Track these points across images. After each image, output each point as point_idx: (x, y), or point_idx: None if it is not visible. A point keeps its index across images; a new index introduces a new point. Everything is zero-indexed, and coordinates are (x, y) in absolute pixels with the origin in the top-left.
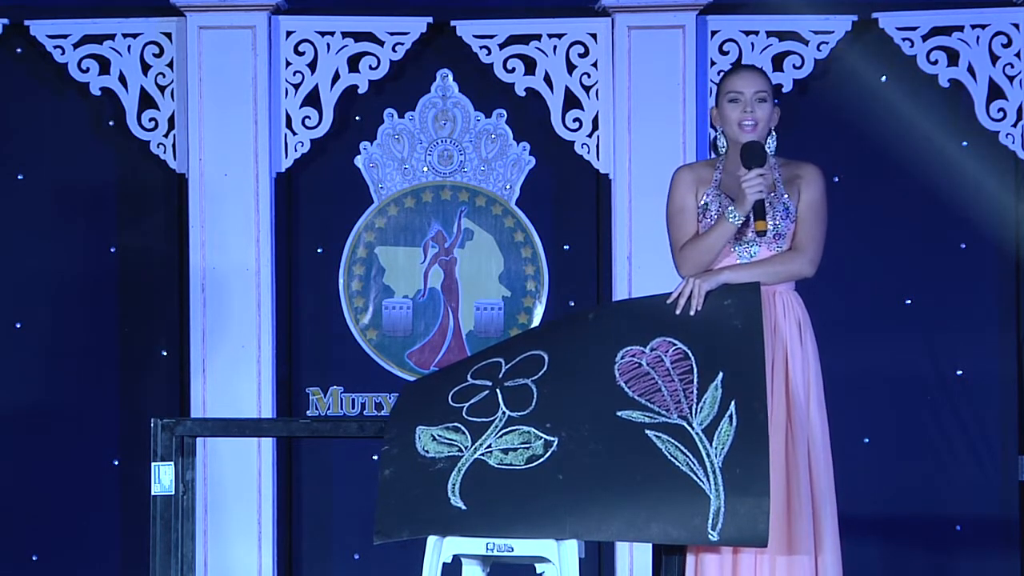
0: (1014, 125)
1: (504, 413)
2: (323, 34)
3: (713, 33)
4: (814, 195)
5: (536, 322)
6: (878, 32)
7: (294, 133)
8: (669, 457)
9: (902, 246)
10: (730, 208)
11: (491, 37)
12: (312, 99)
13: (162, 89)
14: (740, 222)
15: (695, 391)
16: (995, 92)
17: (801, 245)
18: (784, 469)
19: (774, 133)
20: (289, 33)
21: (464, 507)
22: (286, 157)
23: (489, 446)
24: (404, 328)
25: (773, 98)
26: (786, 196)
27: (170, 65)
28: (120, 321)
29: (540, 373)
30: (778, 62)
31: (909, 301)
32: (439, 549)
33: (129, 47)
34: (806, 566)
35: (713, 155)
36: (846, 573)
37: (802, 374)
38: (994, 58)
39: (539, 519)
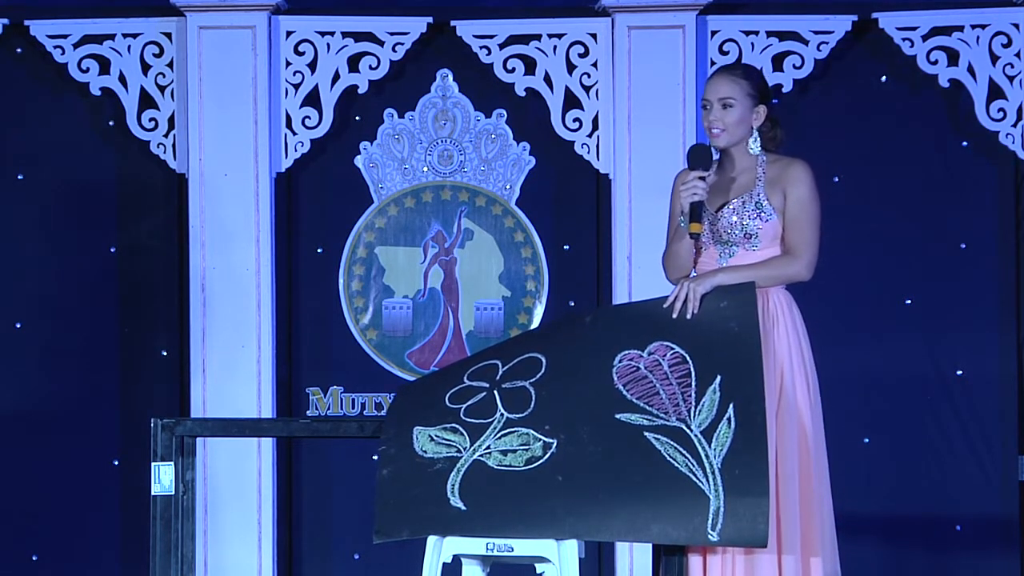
0: (1014, 125)
1: (502, 415)
2: (323, 34)
3: (713, 33)
4: (802, 193)
5: (536, 322)
6: (878, 32)
7: (294, 133)
8: (668, 458)
9: (902, 246)
10: (680, 214)
11: (491, 37)
12: (312, 99)
13: (162, 89)
14: (687, 225)
15: (693, 395)
16: (995, 92)
17: (795, 248)
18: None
19: (756, 133)
20: (289, 33)
21: (464, 507)
22: (286, 157)
23: (488, 447)
24: (404, 328)
25: (754, 99)
26: (762, 195)
27: (170, 65)
28: (120, 321)
29: (538, 376)
30: (778, 62)
31: (909, 301)
32: (439, 549)
33: (129, 47)
34: (791, 566)
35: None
36: (846, 573)
37: (788, 368)
38: (994, 58)
39: (539, 519)
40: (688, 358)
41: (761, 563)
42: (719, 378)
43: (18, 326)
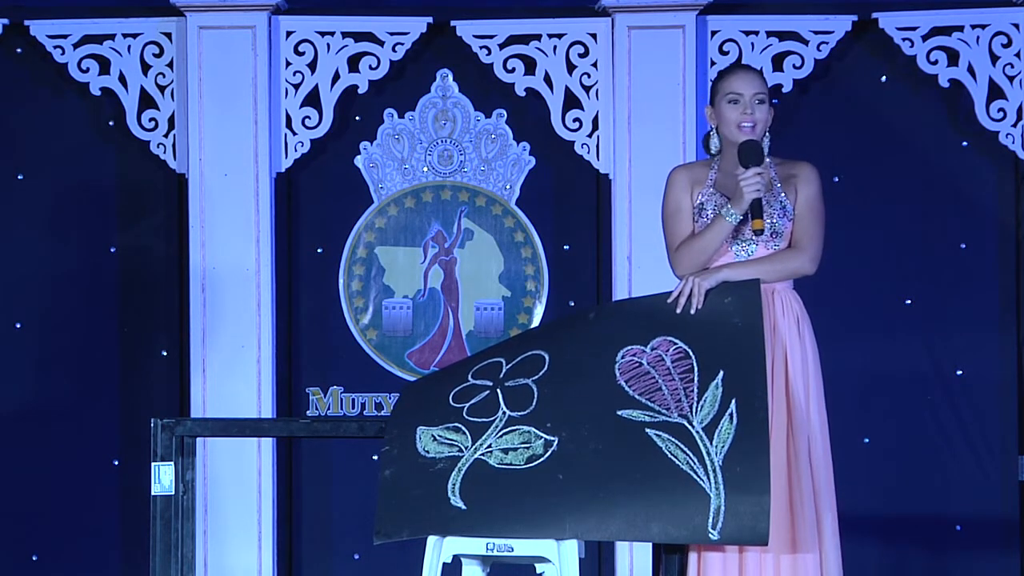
0: (1014, 125)
1: (504, 413)
2: (323, 34)
3: (713, 33)
4: (811, 192)
5: (536, 322)
6: (878, 32)
7: (294, 133)
8: (669, 456)
9: (902, 246)
10: (727, 207)
11: (491, 37)
12: (312, 99)
13: (162, 89)
14: (737, 221)
15: (695, 390)
16: (995, 92)
17: (801, 243)
18: (786, 468)
19: (768, 133)
20: (289, 33)
21: (464, 507)
22: (286, 157)
23: (489, 446)
24: (404, 328)
25: (770, 99)
26: (783, 195)
27: (170, 65)
28: (120, 321)
29: (541, 373)
30: (778, 62)
31: (909, 301)
32: (439, 549)
33: (129, 47)
34: (811, 564)
35: (707, 154)
36: (846, 573)
37: (801, 371)
38: (994, 58)
39: (539, 519)
40: (691, 353)
41: (807, 563)
42: (722, 373)
43: (18, 326)
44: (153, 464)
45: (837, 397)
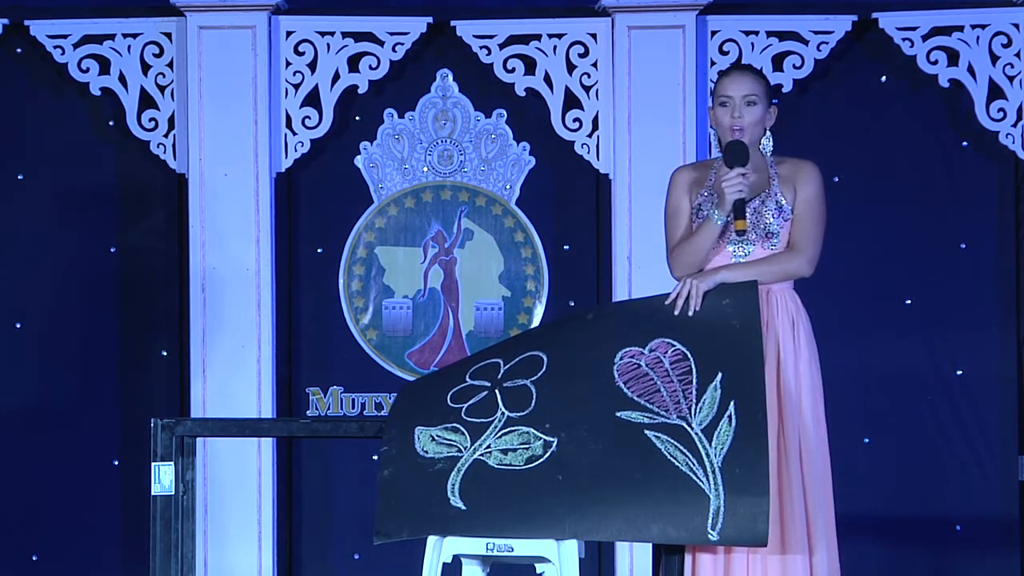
0: (1014, 125)
1: (503, 413)
2: (323, 34)
3: (713, 33)
4: (811, 193)
5: (536, 322)
6: (878, 32)
7: (294, 133)
8: (668, 457)
9: (902, 246)
10: (713, 208)
11: (491, 37)
12: (312, 99)
13: (162, 89)
14: (723, 222)
15: (694, 392)
16: (995, 92)
17: (799, 244)
18: (776, 468)
19: (769, 133)
20: (289, 33)
21: (464, 507)
22: (286, 157)
23: (488, 446)
24: (404, 328)
25: (769, 98)
26: (780, 194)
27: (170, 65)
28: (120, 321)
29: (539, 374)
30: (778, 62)
31: (909, 301)
32: (439, 549)
33: (129, 47)
34: (799, 566)
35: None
36: (846, 573)
37: (794, 370)
38: (994, 58)
39: (539, 519)
40: (689, 355)
41: (795, 564)
42: (720, 375)
43: (18, 326)
44: (153, 464)
45: (837, 397)
